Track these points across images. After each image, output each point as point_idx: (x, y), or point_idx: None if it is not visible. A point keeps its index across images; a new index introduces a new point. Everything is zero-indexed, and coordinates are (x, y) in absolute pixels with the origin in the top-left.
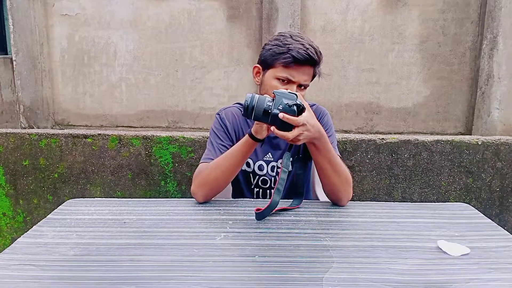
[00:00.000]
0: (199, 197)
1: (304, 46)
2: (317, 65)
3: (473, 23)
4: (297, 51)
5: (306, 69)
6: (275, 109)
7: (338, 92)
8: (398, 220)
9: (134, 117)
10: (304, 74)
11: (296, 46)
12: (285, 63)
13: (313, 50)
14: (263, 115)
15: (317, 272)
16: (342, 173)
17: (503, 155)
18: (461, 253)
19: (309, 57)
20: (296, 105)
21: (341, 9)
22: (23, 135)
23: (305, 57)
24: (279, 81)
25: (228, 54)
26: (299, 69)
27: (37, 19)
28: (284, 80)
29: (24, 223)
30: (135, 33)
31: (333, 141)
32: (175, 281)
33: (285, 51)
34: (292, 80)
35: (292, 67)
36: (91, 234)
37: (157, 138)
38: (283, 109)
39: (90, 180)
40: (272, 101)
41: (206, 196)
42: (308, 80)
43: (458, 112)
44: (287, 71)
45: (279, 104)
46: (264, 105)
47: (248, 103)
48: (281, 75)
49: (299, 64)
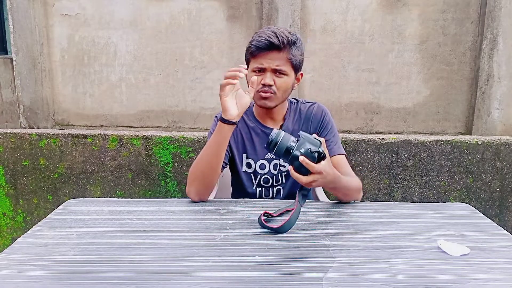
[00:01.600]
0: (192, 195)
1: (265, 33)
2: (285, 49)
3: (473, 23)
4: (257, 40)
5: (274, 54)
6: (297, 150)
7: (338, 92)
8: (398, 220)
9: (134, 117)
10: (273, 60)
11: (259, 35)
12: (251, 53)
13: (273, 34)
14: (284, 153)
15: (317, 272)
16: (352, 188)
17: (503, 155)
18: (461, 253)
19: (268, 42)
20: (318, 152)
21: (341, 9)
22: (23, 135)
23: (264, 43)
24: (255, 73)
25: (228, 54)
26: (265, 56)
27: (37, 19)
28: (257, 70)
29: (24, 223)
30: (135, 33)
31: (337, 141)
32: (175, 281)
33: (250, 43)
34: (263, 68)
35: (258, 54)
36: (91, 234)
37: (157, 138)
38: (305, 152)
39: (90, 180)
40: (297, 141)
41: (199, 193)
42: (282, 65)
43: (458, 112)
44: (257, 61)
45: (302, 147)
46: (287, 143)
47: (272, 138)
48: (253, 66)
49: (263, 51)
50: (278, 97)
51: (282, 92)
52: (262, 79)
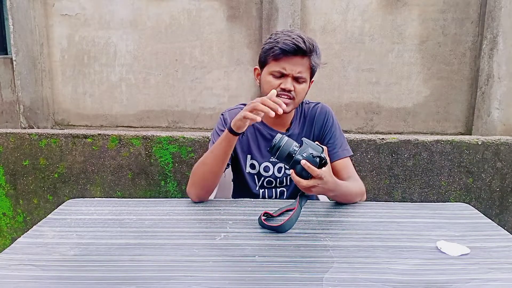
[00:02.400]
0: (192, 196)
1: (291, 37)
2: (309, 55)
3: (473, 23)
4: (284, 42)
5: (298, 59)
6: (299, 155)
7: (338, 92)
8: (398, 220)
9: (134, 117)
10: (296, 65)
11: (283, 38)
12: (274, 56)
13: (301, 39)
14: (286, 157)
15: (317, 272)
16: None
17: (503, 155)
18: (460, 253)
19: (296, 46)
20: (320, 157)
21: (341, 9)
22: (23, 135)
23: (291, 47)
24: (273, 76)
25: (228, 54)
26: (289, 61)
27: (37, 19)
28: (277, 74)
29: (24, 223)
30: (135, 33)
31: (342, 143)
32: (175, 281)
33: (273, 45)
34: (285, 73)
35: (282, 58)
36: (91, 234)
37: (157, 138)
38: (307, 157)
39: (90, 180)
40: (299, 147)
41: (199, 195)
42: (303, 72)
43: (458, 112)
44: (279, 64)
45: (304, 152)
46: (290, 148)
47: (275, 142)
48: (274, 69)
49: (288, 55)
50: (295, 103)
51: (300, 98)
52: (282, 83)
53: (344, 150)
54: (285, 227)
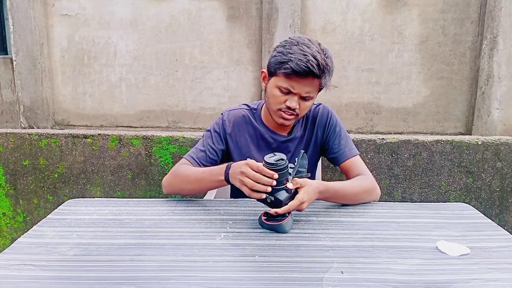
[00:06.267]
0: (165, 191)
1: (306, 57)
2: (320, 77)
3: (473, 23)
4: (297, 63)
5: (308, 81)
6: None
7: (338, 92)
8: (398, 220)
9: (134, 117)
10: (306, 86)
11: (297, 56)
12: (285, 74)
13: (315, 62)
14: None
15: (317, 272)
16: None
17: (503, 155)
18: (460, 253)
19: (308, 70)
20: (286, 189)
21: (341, 9)
22: (23, 135)
23: (303, 70)
24: (280, 91)
25: (228, 54)
26: (300, 81)
27: (37, 19)
28: (285, 90)
29: (24, 223)
30: (135, 33)
31: (347, 143)
32: (175, 281)
33: (286, 61)
34: (292, 92)
35: (292, 78)
36: (91, 234)
37: (157, 138)
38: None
39: (90, 180)
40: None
41: (171, 193)
42: (312, 92)
43: (458, 112)
44: (288, 82)
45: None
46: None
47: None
48: (282, 85)
49: (299, 76)
50: (298, 117)
51: (303, 113)
52: (288, 101)
53: (351, 149)
54: (285, 227)
